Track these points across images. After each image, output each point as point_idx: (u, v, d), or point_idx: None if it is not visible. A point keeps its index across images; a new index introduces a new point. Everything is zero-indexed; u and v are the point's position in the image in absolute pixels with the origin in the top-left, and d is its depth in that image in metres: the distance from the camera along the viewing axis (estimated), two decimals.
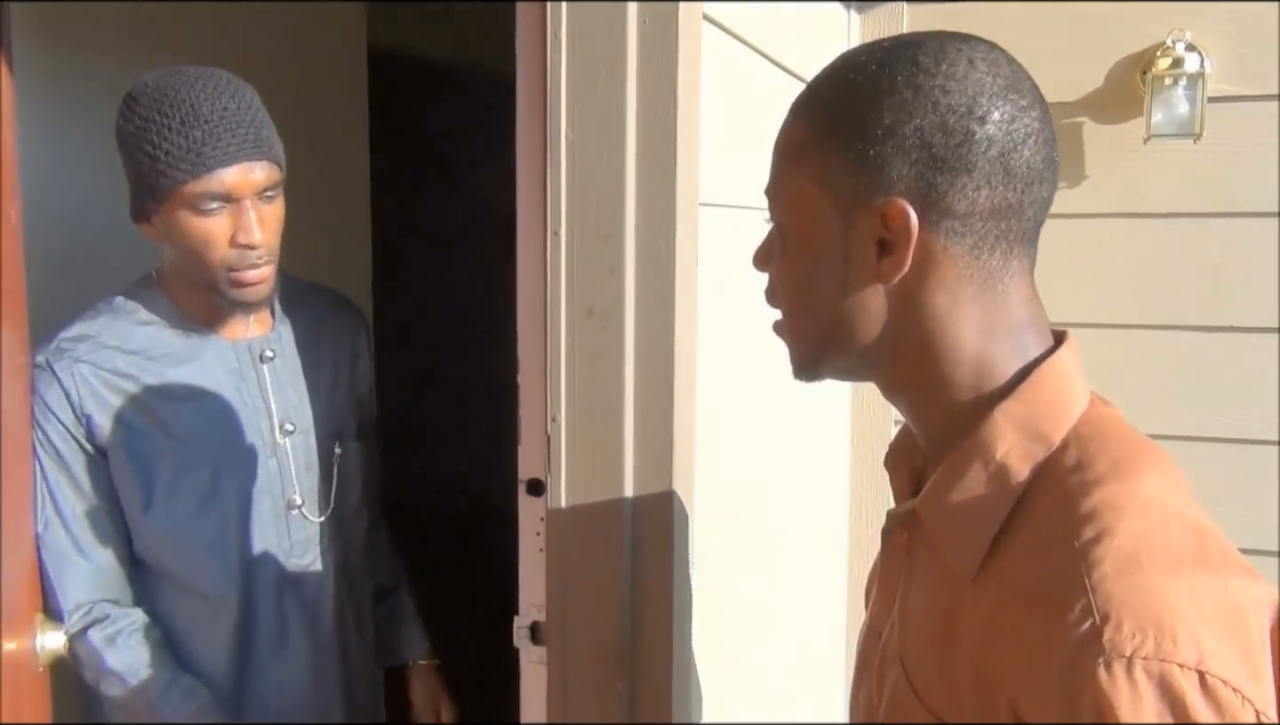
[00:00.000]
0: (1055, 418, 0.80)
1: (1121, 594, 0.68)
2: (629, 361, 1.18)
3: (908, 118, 0.77)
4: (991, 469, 0.79)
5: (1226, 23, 1.82)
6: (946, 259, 0.79)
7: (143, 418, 1.50)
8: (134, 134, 1.44)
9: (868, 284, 0.81)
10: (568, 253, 1.19)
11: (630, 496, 1.20)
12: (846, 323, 0.84)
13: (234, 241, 1.46)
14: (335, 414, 1.68)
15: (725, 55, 1.36)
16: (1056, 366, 0.81)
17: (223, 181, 1.43)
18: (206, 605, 1.55)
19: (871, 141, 0.78)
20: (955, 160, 0.77)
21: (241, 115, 1.44)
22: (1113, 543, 0.71)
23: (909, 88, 0.78)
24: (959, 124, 0.77)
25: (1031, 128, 0.79)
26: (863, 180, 0.79)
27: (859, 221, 0.80)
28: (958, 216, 0.78)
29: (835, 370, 0.89)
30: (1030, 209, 0.80)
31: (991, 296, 0.81)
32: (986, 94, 0.77)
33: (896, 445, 0.97)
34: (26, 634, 1.40)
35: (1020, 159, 0.78)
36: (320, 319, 1.71)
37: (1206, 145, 1.82)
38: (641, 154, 1.16)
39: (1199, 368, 1.88)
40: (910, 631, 0.86)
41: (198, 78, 1.45)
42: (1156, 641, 0.66)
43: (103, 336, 1.51)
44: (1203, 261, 1.87)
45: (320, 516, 1.63)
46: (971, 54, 0.79)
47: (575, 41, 1.16)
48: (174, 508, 1.51)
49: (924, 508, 0.84)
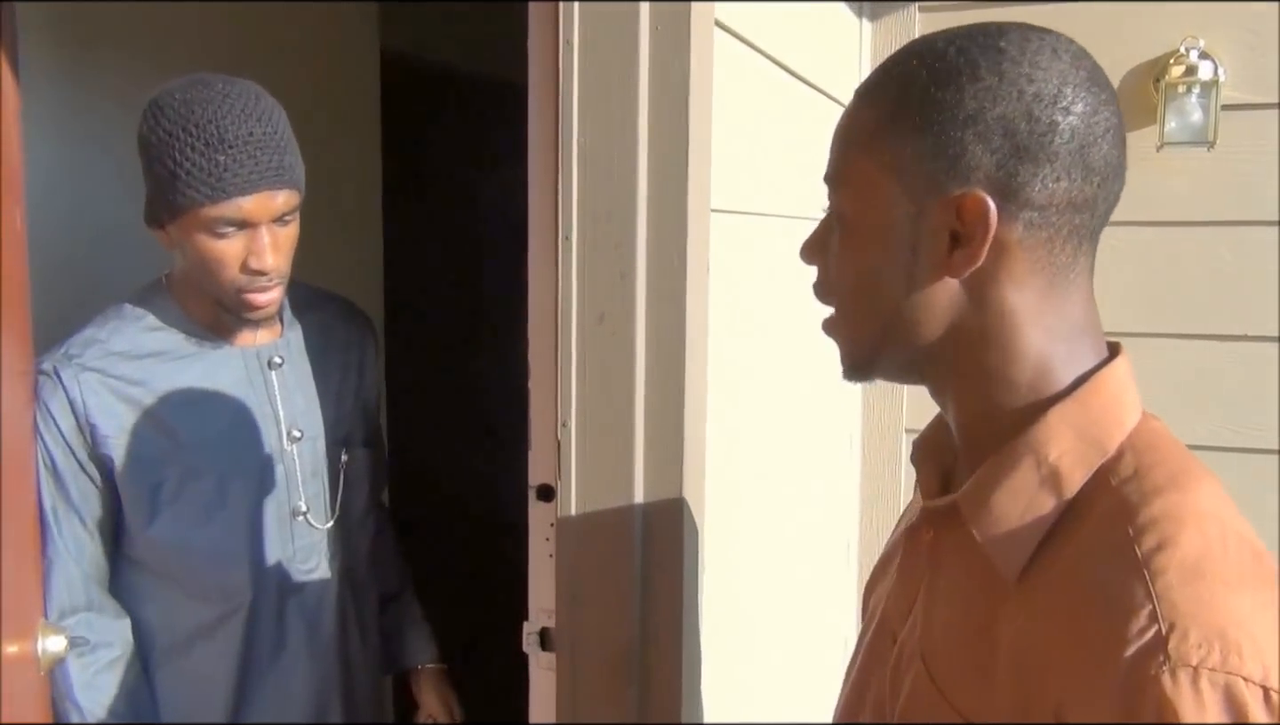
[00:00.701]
0: (1111, 425, 0.79)
1: (1186, 604, 0.67)
2: (640, 367, 1.18)
3: (992, 104, 0.75)
4: (1044, 471, 0.78)
5: (1240, 30, 1.81)
6: (1021, 251, 0.78)
7: (149, 424, 1.50)
8: (156, 145, 1.42)
9: (936, 277, 0.79)
10: (579, 258, 1.18)
11: (640, 502, 1.20)
12: (910, 317, 0.81)
13: (245, 266, 1.45)
14: (342, 421, 1.68)
15: (737, 61, 1.36)
16: (1114, 375, 0.80)
17: (240, 208, 1.42)
18: (210, 610, 1.55)
19: (951, 128, 0.76)
20: (1038, 149, 0.75)
21: (266, 141, 1.42)
22: (1176, 552, 0.70)
23: (993, 74, 0.76)
24: (1044, 112, 0.75)
25: (1111, 122, 0.78)
26: (939, 168, 0.77)
27: (933, 212, 0.78)
28: (1036, 207, 0.76)
29: (890, 370, 0.86)
30: (1103, 205, 0.79)
31: (1059, 294, 0.79)
32: (1071, 84, 0.76)
33: (925, 440, 0.94)
34: (28, 637, 1.40)
35: (1099, 153, 0.77)
36: (329, 326, 1.71)
37: (1220, 153, 1.81)
38: (653, 160, 1.15)
39: (1211, 376, 1.87)
40: (936, 630, 0.84)
41: (225, 96, 1.42)
42: (1223, 654, 0.65)
43: (110, 342, 1.51)
44: (1216, 270, 1.86)
45: (325, 523, 1.63)
46: (1055, 44, 0.78)
47: (587, 47, 1.16)
48: (180, 513, 1.51)
49: (966, 502, 0.82)
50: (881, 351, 0.85)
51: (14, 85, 1.40)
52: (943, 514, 0.86)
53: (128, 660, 1.54)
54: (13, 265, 1.38)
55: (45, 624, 1.46)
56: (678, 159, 1.15)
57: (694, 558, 1.24)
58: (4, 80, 1.38)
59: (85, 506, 1.51)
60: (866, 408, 2.10)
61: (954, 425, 0.86)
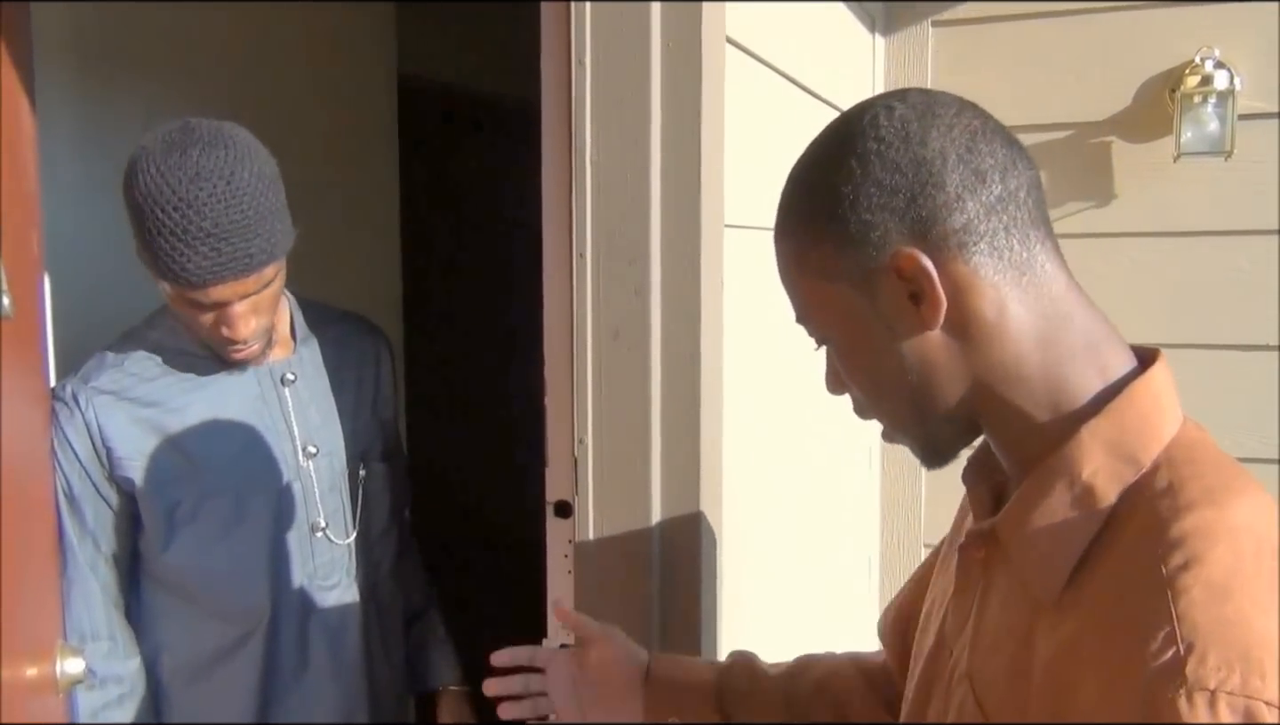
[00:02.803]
0: (1146, 438, 0.78)
1: (1209, 624, 0.66)
2: (655, 383, 1.18)
3: (863, 179, 0.80)
4: (1077, 490, 0.77)
5: (1256, 39, 1.81)
6: (969, 270, 0.79)
7: (165, 445, 1.51)
8: (133, 209, 1.39)
9: (919, 338, 0.81)
10: (593, 275, 1.19)
11: (658, 518, 1.20)
12: (927, 388, 0.83)
13: (217, 334, 1.45)
14: (359, 436, 1.68)
15: (749, 78, 1.37)
16: (1148, 384, 0.79)
17: (207, 295, 1.39)
18: (230, 629, 1.56)
19: (847, 215, 0.80)
20: (925, 186, 0.78)
21: (233, 230, 1.36)
22: (1202, 571, 0.69)
23: (850, 156, 0.80)
24: (904, 157, 0.79)
25: (971, 126, 0.80)
26: (863, 251, 0.80)
27: (880, 288, 0.81)
28: (959, 230, 0.78)
29: (952, 438, 0.87)
30: (1020, 191, 0.80)
31: (1035, 292, 0.80)
32: (914, 122, 0.80)
33: (976, 460, 0.94)
34: (48, 659, 1.41)
35: (980, 155, 0.79)
36: (343, 342, 1.71)
37: (1237, 163, 1.81)
38: (666, 176, 1.16)
39: (1232, 386, 1.85)
40: (982, 651, 0.84)
41: (197, 175, 1.35)
42: (1243, 676, 0.64)
43: (125, 365, 1.52)
44: (1234, 279, 1.85)
45: (345, 539, 1.63)
46: (887, 101, 0.82)
47: (599, 64, 1.16)
48: (198, 533, 1.51)
49: (1004, 527, 0.82)
50: (930, 427, 0.86)
51: (30, 107, 1.42)
52: (991, 534, 0.85)
53: (135, 697, 1.54)
54: (29, 288, 1.39)
55: (64, 645, 1.47)
56: (691, 175, 1.15)
57: (712, 573, 1.23)
58: (20, 102, 1.39)
59: (101, 532, 1.52)
60: None
61: (996, 450, 0.87)
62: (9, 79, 1.37)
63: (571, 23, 1.17)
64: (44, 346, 1.46)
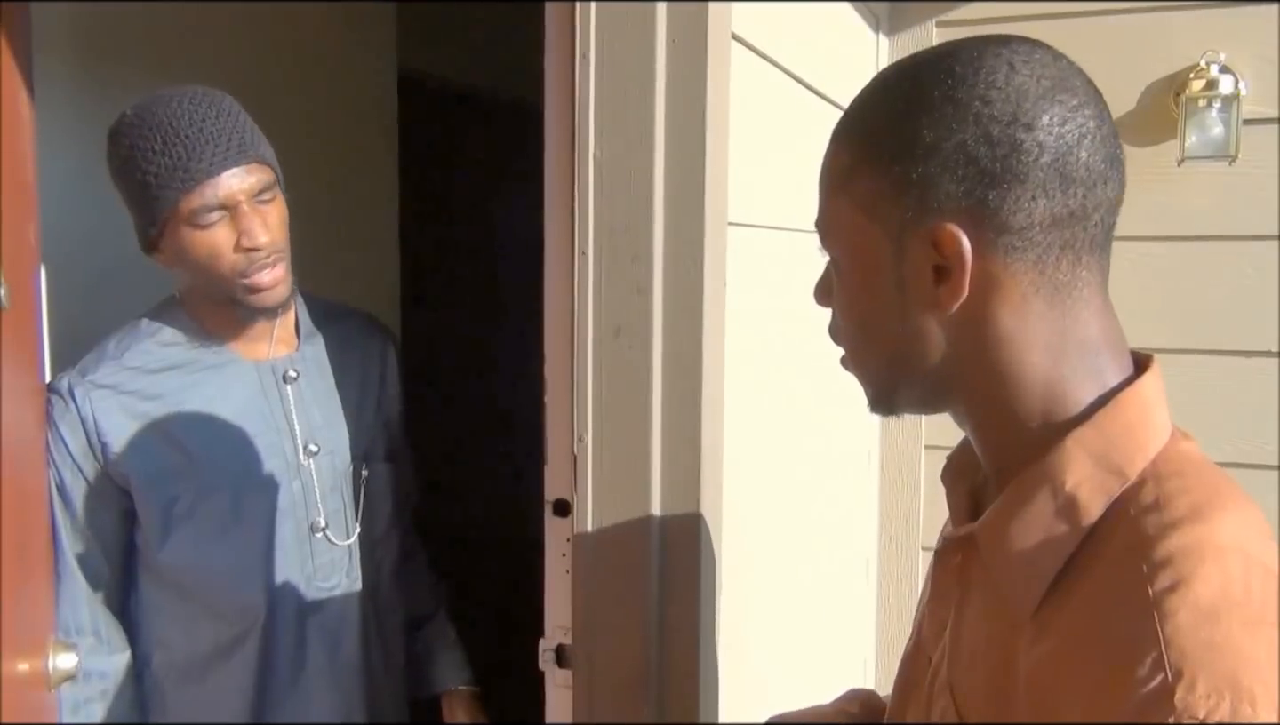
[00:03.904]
0: (1133, 450, 0.75)
1: (1197, 650, 0.64)
2: (657, 381, 1.17)
3: (949, 133, 0.73)
4: (1060, 501, 0.75)
5: (1261, 44, 1.80)
6: (1009, 277, 0.75)
7: (163, 439, 1.50)
8: (122, 164, 1.46)
9: (927, 312, 0.77)
10: (595, 272, 1.18)
11: (657, 517, 1.19)
12: (909, 353, 0.80)
13: (239, 247, 1.46)
14: (362, 436, 1.67)
15: (754, 75, 1.36)
16: (1137, 394, 0.77)
17: (215, 191, 1.44)
18: (227, 629, 1.55)
19: (914, 162, 0.74)
20: (1005, 172, 0.72)
21: (220, 124, 1.45)
22: (1189, 593, 0.66)
23: (948, 101, 0.74)
24: (1004, 134, 0.72)
25: (1086, 127, 0.74)
26: (910, 204, 0.75)
27: (911, 248, 0.76)
28: (1015, 231, 0.73)
29: (908, 403, 0.85)
30: (1095, 213, 0.75)
31: (1061, 312, 0.76)
32: (1031, 98, 0.73)
33: (955, 460, 0.92)
34: (39, 655, 1.41)
35: (1077, 162, 0.73)
36: (348, 340, 1.70)
37: (1241, 167, 1.80)
38: (670, 173, 1.15)
39: (1234, 392, 1.85)
40: (962, 661, 0.82)
41: (172, 97, 1.46)
42: (1233, 704, 0.62)
43: (125, 358, 1.51)
44: (1239, 285, 1.84)
45: (346, 540, 1.62)
46: (1011, 57, 0.75)
47: (603, 60, 1.15)
48: (195, 530, 1.50)
49: (983, 536, 0.79)
50: (894, 387, 0.84)
51: (28, 100, 1.41)
52: (969, 540, 0.83)
53: (119, 693, 1.54)
54: (25, 281, 1.39)
55: (56, 641, 1.46)
56: (695, 172, 1.14)
57: (711, 573, 1.23)
58: (18, 95, 1.39)
59: (93, 527, 1.50)
60: (885, 423, 2.09)
61: (978, 450, 0.85)
62: (8, 72, 1.37)
63: (576, 19, 1.16)
64: (40, 340, 1.46)
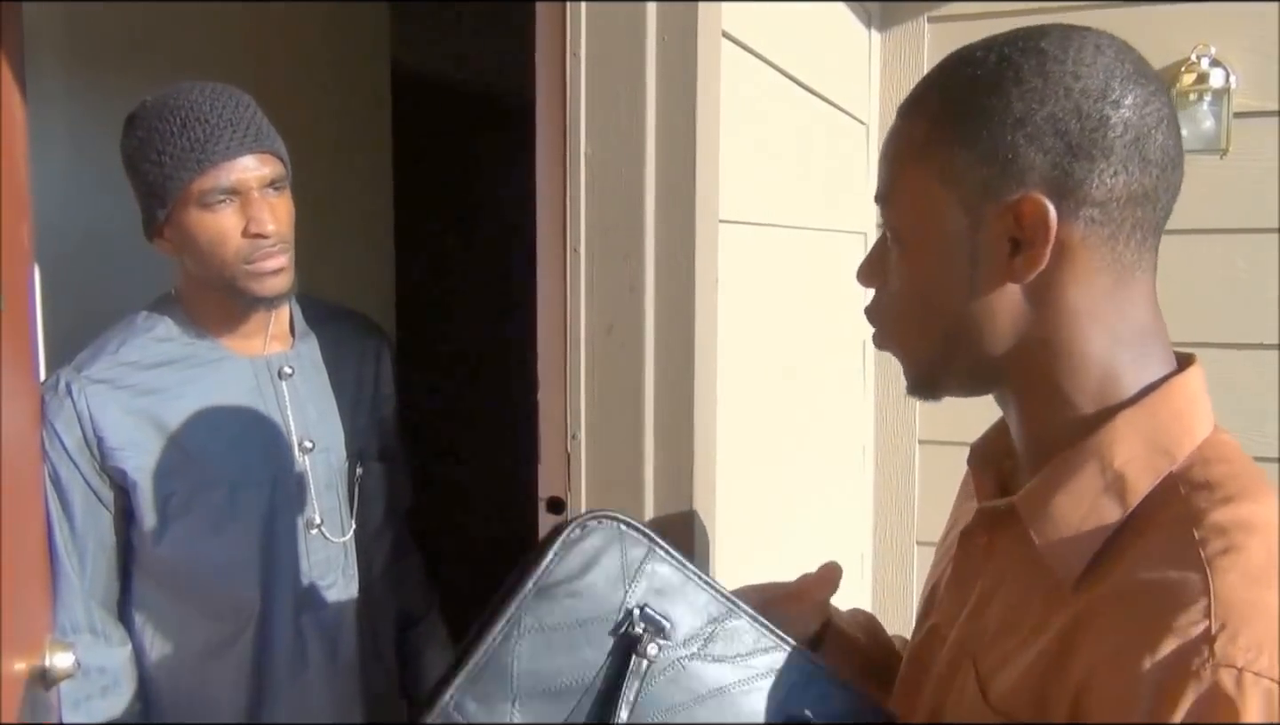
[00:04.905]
0: (1181, 434, 0.78)
1: (1244, 607, 0.66)
2: (649, 379, 1.18)
3: (1039, 105, 0.75)
4: (1109, 476, 0.77)
5: (1252, 37, 1.81)
6: (1084, 250, 0.76)
7: (158, 435, 1.50)
8: (138, 147, 1.47)
9: (999, 285, 0.78)
10: (587, 270, 1.18)
11: (651, 514, 1.19)
12: (974, 328, 0.80)
13: (246, 232, 1.47)
14: (357, 434, 1.67)
15: (745, 72, 1.36)
16: (1187, 384, 0.79)
17: (229, 174, 1.45)
18: (224, 626, 1.54)
19: (1001, 132, 0.76)
20: (1092, 146, 0.74)
21: (240, 113, 1.48)
22: (1241, 557, 0.69)
23: (1038, 75, 0.76)
24: (1093, 108, 0.75)
25: (1163, 112, 0.77)
26: (993, 174, 0.76)
27: (990, 219, 0.77)
28: (1096, 204, 0.75)
29: (955, 384, 0.85)
30: (1164, 196, 0.78)
31: (1123, 294, 0.78)
32: (1118, 78, 0.76)
33: (983, 446, 0.93)
34: (36, 654, 1.41)
35: (1155, 143, 0.76)
36: (342, 338, 1.70)
37: (1232, 161, 1.81)
38: (661, 171, 1.15)
39: (1226, 385, 1.85)
40: (988, 635, 0.82)
41: (193, 87, 1.49)
42: (1270, 659, 0.64)
43: (120, 353, 1.51)
44: (1229, 277, 1.85)
45: (341, 537, 1.62)
46: (1097, 40, 0.78)
47: (594, 58, 1.16)
48: (191, 526, 1.50)
49: (1025, 505, 0.80)
50: (948, 366, 0.84)
51: (21, 100, 1.41)
52: (999, 517, 0.84)
53: (120, 690, 1.53)
54: (18, 280, 1.39)
55: (53, 641, 1.46)
56: (686, 170, 1.14)
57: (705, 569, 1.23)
58: (11, 95, 1.39)
59: (90, 523, 1.50)
60: (879, 418, 2.09)
61: (1017, 432, 0.85)
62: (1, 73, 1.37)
63: (566, 17, 1.16)
64: (34, 339, 1.45)
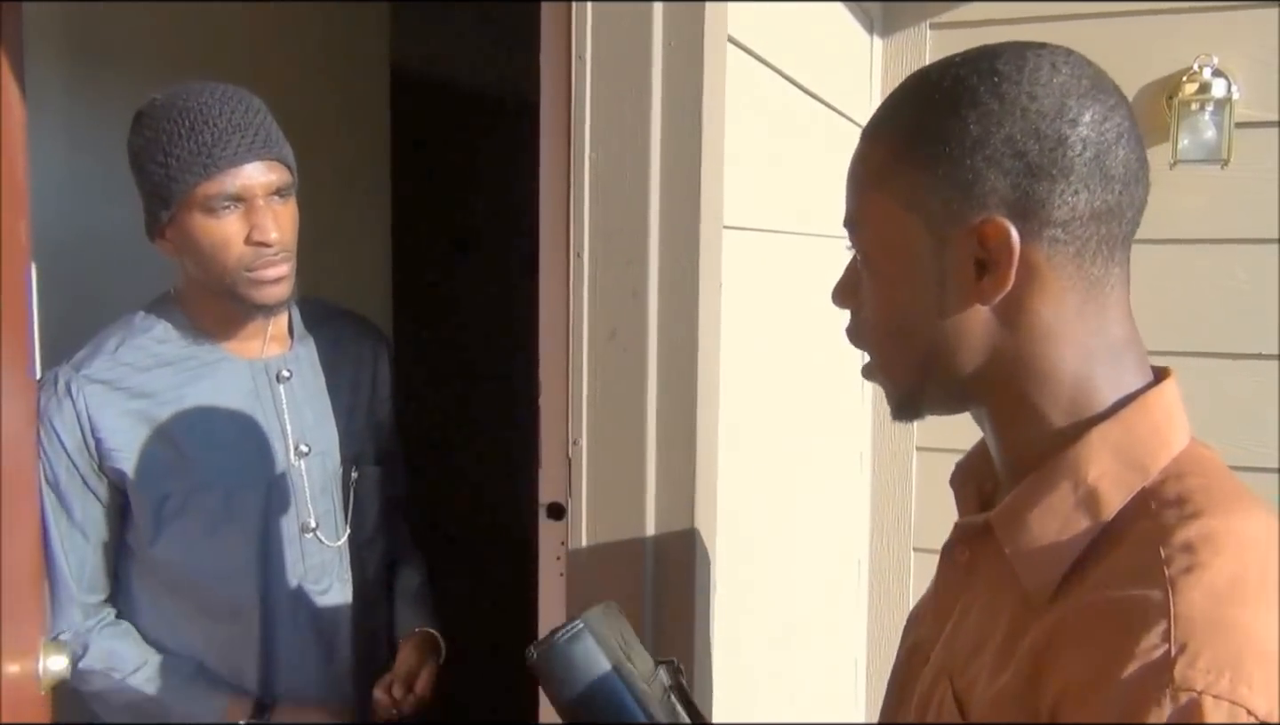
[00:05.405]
0: (1155, 448, 0.77)
1: (1205, 627, 0.65)
2: (651, 385, 1.17)
3: (997, 127, 0.75)
4: (1081, 492, 0.76)
5: (1254, 47, 1.81)
6: (1050, 269, 0.77)
7: (155, 436, 1.49)
8: (145, 146, 1.45)
9: (967, 306, 0.78)
10: (590, 275, 1.18)
11: (652, 520, 1.19)
12: (946, 350, 0.80)
13: (249, 240, 1.46)
14: (354, 437, 1.66)
15: (750, 78, 1.36)
16: (1161, 397, 0.79)
17: (235, 180, 1.44)
18: (222, 628, 1.54)
19: (961, 156, 0.76)
20: (1051, 166, 0.74)
21: (249, 118, 1.46)
22: (1205, 575, 0.68)
23: (994, 97, 0.75)
24: (1051, 128, 0.74)
25: (1123, 127, 0.77)
26: (955, 197, 0.76)
27: (955, 242, 0.77)
28: (1058, 224, 0.75)
29: (937, 404, 0.86)
30: (1129, 210, 0.78)
31: (1095, 310, 0.79)
32: (1074, 96, 0.75)
33: (966, 464, 0.93)
34: (30, 657, 1.40)
35: (1116, 159, 0.76)
36: (341, 341, 1.70)
37: (1234, 171, 1.81)
38: (665, 176, 1.15)
39: (1226, 395, 1.85)
40: (964, 651, 0.83)
41: (204, 89, 1.47)
42: (1232, 682, 0.63)
43: (118, 353, 1.50)
44: (1230, 287, 1.85)
45: (336, 541, 1.61)
46: (1053, 58, 0.77)
47: (599, 62, 1.15)
48: (186, 527, 1.49)
49: (999, 520, 0.80)
50: (925, 388, 0.84)
51: (19, 97, 1.41)
52: (978, 532, 0.84)
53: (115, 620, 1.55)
54: (16, 278, 1.38)
55: (47, 643, 1.45)
56: (690, 175, 1.14)
57: (705, 576, 1.23)
58: (10, 93, 1.38)
59: (87, 523, 1.50)
60: (877, 426, 2.09)
61: (995, 450, 0.85)
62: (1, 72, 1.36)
63: (572, 19, 1.16)
64: (31, 337, 1.45)
